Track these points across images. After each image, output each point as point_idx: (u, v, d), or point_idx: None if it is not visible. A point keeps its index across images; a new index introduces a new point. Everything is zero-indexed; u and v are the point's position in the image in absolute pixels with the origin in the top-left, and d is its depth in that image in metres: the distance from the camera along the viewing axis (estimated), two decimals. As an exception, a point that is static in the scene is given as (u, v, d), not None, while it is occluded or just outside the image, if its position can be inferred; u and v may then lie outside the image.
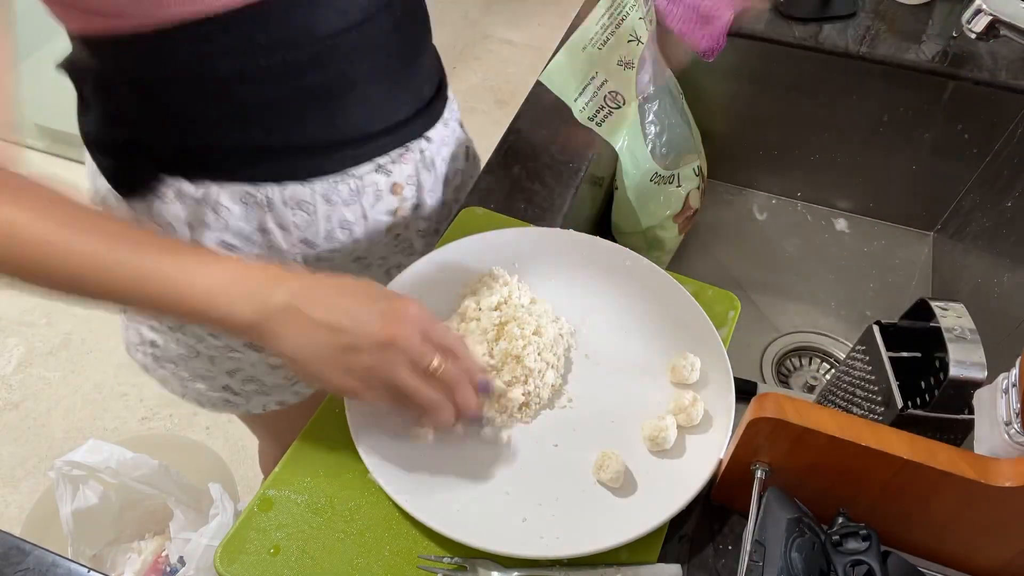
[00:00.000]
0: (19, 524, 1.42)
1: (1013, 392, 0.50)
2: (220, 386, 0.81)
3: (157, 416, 1.73)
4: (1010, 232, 0.99)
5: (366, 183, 0.71)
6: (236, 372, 0.80)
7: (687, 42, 1.01)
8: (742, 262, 1.20)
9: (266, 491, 0.60)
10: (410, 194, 0.76)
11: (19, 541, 0.60)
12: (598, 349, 0.69)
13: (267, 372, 0.81)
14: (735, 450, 0.56)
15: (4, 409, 1.74)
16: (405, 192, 0.75)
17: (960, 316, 0.61)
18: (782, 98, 1.14)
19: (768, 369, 1.08)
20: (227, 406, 0.84)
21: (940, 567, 0.58)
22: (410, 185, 0.75)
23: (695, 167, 1.11)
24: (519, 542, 0.56)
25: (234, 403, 0.83)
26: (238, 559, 0.57)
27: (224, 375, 0.80)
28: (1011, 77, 0.99)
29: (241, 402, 0.83)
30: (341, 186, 0.69)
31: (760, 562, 0.51)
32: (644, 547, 0.58)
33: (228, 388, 0.81)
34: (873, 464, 0.51)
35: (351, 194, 0.70)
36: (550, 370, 0.65)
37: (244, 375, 0.80)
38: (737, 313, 0.73)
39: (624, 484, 0.60)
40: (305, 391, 0.84)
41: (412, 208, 0.77)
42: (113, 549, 1.34)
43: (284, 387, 0.83)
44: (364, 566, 0.57)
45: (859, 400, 0.69)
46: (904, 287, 1.17)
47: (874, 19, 1.06)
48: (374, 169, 0.71)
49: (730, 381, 0.64)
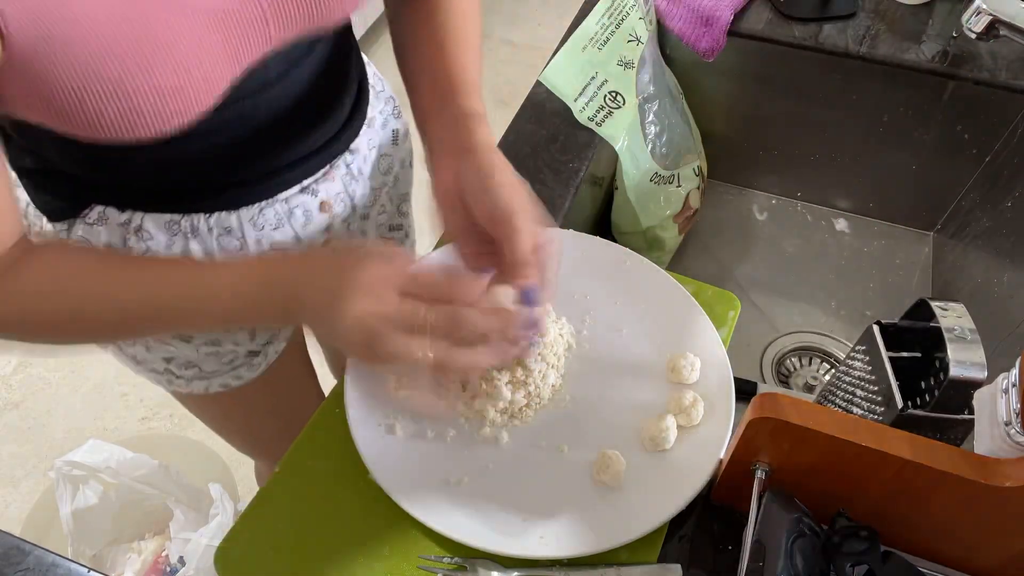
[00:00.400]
0: (19, 524, 1.42)
1: (1013, 392, 0.50)
2: (161, 368, 0.82)
3: (157, 416, 1.73)
4: (1010, 232, 0.99)
5: (292, 204, 0.70)
6: (172, 359, 0.80)
7: (687, 42, 1.01)
8: (742, 262, 1.20)
9: (266, 491, 0.60)
10: (340, 209, 0.75)
11: (19, 541, 0.60)
12: (598, 349, 0.69)
13: (204, 359, 0.80)
14: (735, 450, 0.56)
15: (4, 409, 1.74)
16: (335, 209, 0.74)
17: (960, 316, 0.61)
18: (782, 98, 1.14)
19: (768, 369, 1.08)
20: (173, 385, 0.84)
21: (940, 567, 0.58)
22: (340, 202, 0.74)
23: (695, 167, 1.12)
24: (519, 542, 0.56)
25: (177, 384, 0.84)
26: (238, 559, 0.57)
27: (161, 361, 0.80)
28: (1011, 77, 0.99)
29: (183, 383, 0.83)
30: (267, 211, 0.69)
31: (760, 562, 0.51)
32: (644, 547, 0.58)
33: (169, 371, 0.82)
34: (873, 464, 0.51)
35: (277, 218, 0.70)
36: (551, 370, 0.65)
37: (181, 360, 0.81)
38: (737, 313, 0.73)
39: (624, 484, 0.60)
40: (248, 375, 0.84)
41: (344, 221, 0.76)
42: (113, 549, 1.34)
43: (223, 372, 0.83)
44: (364, 566, 0.57)
45: (859, 400, 0.69)
46: (904, 287, 1.17)
47: (874, 19, 1.06)
48: (299, 190, 0.70)
49: (730, 381, 0.64)
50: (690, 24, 1.07)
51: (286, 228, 0.71)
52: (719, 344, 0.67)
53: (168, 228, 0.66)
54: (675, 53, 1.14)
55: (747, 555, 0.52)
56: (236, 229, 0.68)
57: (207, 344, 0.78)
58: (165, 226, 0.66)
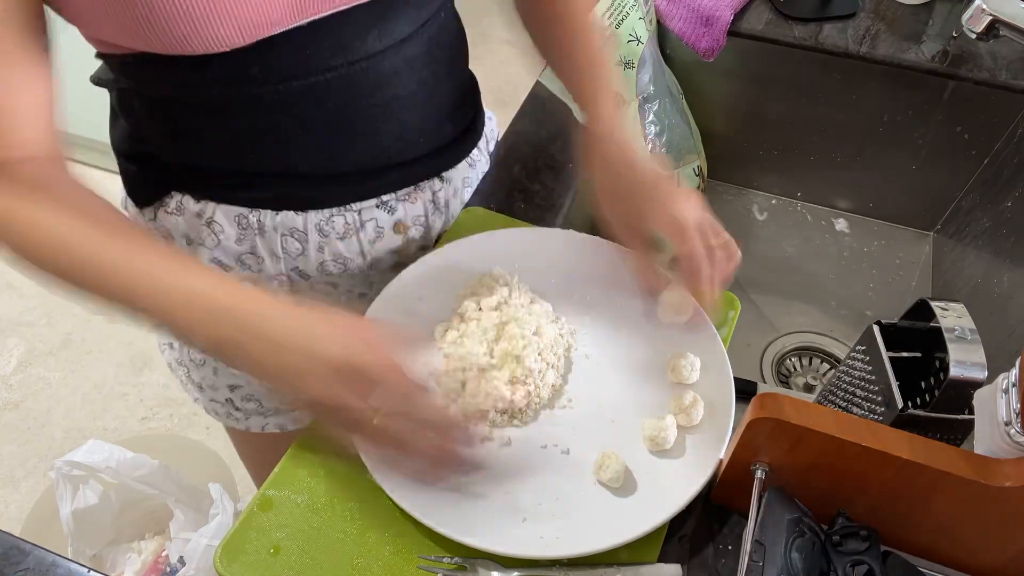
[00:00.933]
0: (19, 524, 1.42)
1: (1013, 392, 0.50)
2: (223, 398, 0.82)
3: (157, 416, 1.73)
4: (1010, 232, 0.99)
5: (364, 218, 0.69)
6: (236, 388, 0.81)
7: (687, 42, 1.01)
8: (742, 262, 1.20)
9: (266, 491, 0.60)
10: (417, 234, 0.73)
11: (19, 541, 0.60)
12: (598, 349, 0.69)
13: (266, 394, 0.81)
14: (735, 450, 0.56)
15: (4, 409, 1.74)
16: (411, 232, 0.73)
17: (960, 316, 0.61)
18: (782, 98, 1.14)
19: (768, 369, 1.08)
20: (230, 419, 0.85)
21: (940, 567, 0.58)
22: (417, 226, 0.73)
23: (695, 167, 1.12)
24: (519, 542, 0.56)
25: (236, 417, 0.84)
26: (238, 559, 0.57)
27: (226, 388, 0.81)
28: (1011, 77, 0.99)
29: (241, 417, 0.84)
30: (337, 218, 0.68)
31: (760, 562, 0.51)
32: (644, 547, 0.58)
33: (230, 402, 0.82)
34: (873, 464, 0.51)
35: (346, 228, 0.69)
36: (550, 370, 0.65)
37: (244, 392, 0.81)
38: (737, 313, 0.73)
39: (624, 484, 0.60)
40: (306, 419, 0.84)
41: (419, 249, 0.74)
42: (113, 549, 1.34)
43: (283, 412, 0.83)
44: (364, 566, 0.57)
45: (859, 400, 0.69)
46: (904, 287, 1.17)
47: (874, 19, 1.06)
48: (375, 205, 0.69)
49: (730, 381, 0.64)
50: (690, 24, 1.07)
51: (352, 240, 0.70)
52: (719, 344, 0.67)
53: (238, 223, 0.67)
54: (675, 53, 1.14)
55: (747, 555, 0.52)
56: (301, 231, 0.68)
57: None
58: (235, 220, 0.67)
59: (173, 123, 0.62)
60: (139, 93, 0.62)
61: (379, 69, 0.61)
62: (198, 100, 0.59)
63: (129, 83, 0.61)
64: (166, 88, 0.59)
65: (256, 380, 0.53)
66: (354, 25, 0.57)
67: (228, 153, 0.64)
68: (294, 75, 0.57)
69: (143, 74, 0.58)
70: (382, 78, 0.62)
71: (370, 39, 0.59)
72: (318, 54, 0.57)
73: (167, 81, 0.58)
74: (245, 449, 0.99)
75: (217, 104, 0.59)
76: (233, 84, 0.57)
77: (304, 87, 0.59)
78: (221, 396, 0.82)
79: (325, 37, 0.57)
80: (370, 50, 0.59)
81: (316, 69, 0.58)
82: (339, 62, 0.58)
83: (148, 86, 0.60)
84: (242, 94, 0.58)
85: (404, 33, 0.61)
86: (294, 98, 0.59)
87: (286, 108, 0.60)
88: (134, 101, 0.64)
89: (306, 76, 0.58)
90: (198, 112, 0.60)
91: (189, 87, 0.58)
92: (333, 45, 0.57)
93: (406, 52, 0.62)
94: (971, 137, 1.07)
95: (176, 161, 0.66)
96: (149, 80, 0.59)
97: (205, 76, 0.56)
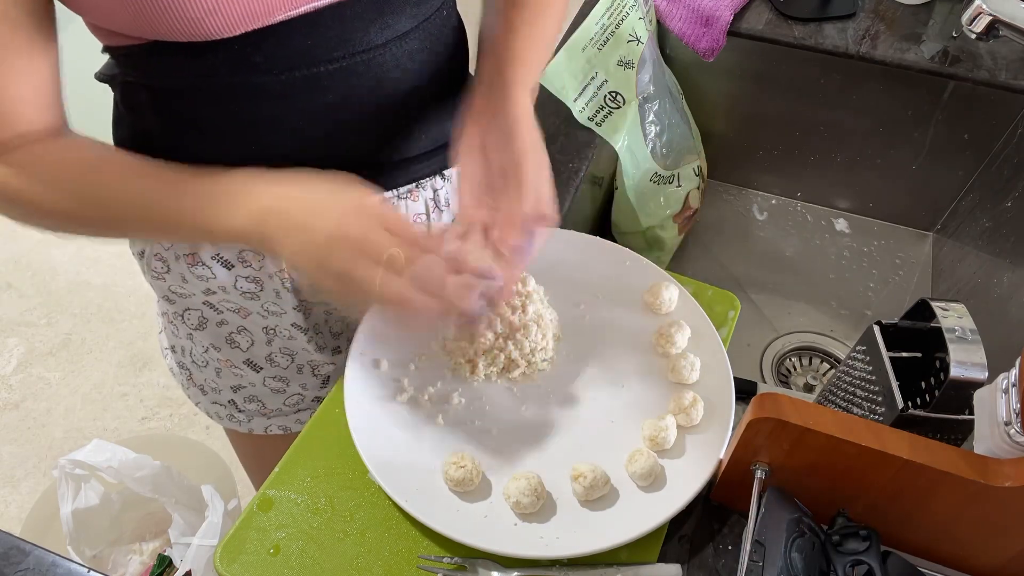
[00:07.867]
0: (19, 524, 1.42)
1: (1013, 392, 0.50)
2: (226, 400, 0.82)
3: (157, 416, 1.73)
4: (1010, 232, 0.99)
5: None
6: (239, 389, 0.81)
7: (687, 42, 1.01)
8: (742, 262, 1.20)
9: (266, 491, 0.60)
10: None
11: (19, 541, 0.60)
12: (598, 349, 0.69)
13: (268, 395, 0.81)
14: (735, 450, 0.56)
15: (4, 409, 1.74)
16: None
17: (961, 316, 0.61)
18: (782, 98, 1.14)
19: (768, 369, 1.08)
20: (232, 421, 0.85)
21: (940, 567, 0.58)
22: (418, 224, 0.73)
23: (695, 167, 1.12)
24: (519, 542, 0.56)
25: (238, 419, 0.84)
26: (238, 559, 0.57)
27: (229, 390, 0.81)
28: (1011, 77, 0.99)
29: (244, 419, 0.84)
30: None
31: (760, 562, 0.51)
32: (644, 547, 0.58)
33: (233, 403, 0.82)
34: (873, 464, 0.51)
35: None
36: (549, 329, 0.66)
37: (247, 393, 0.81)
38: (737, 313, 0.73)
39: (624, 484, 0.60)
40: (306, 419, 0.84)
41: None
42: (113, 550, 1.34)
43: (286, 413, 0.83)
44: (364, 566, 0.57)
45: (859, 400, 0.69)
46: (904, 287, 1.17)
47: (874, 19, 1.06)
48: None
49: (730, 381, 0.64)
50: (690, 24, 1.07)
51: None
52: (719, 344, 0.67)
53: None
54: (675, 53, 1.14)
55: (747, 555, 0.52)
56: None
57: (275, 379, 0.79)
58: None
59: (178, 115, 0.63)
60: (144, 86, 0.63)
61: (380, 63, 0.62)
62: (203, 90, 0.60)
63: (134, 76, 0.62)
64: (172, 78, 0.60)
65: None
66: (356, 18, 0.59)
67: (232, 145, 0.64)
68: (297, 65, 0.58)
69: (149, 64, 0.59)
70: (383, 72, 0.62)
71: (372, 32, 0.60)
72: (321, 45, 0.58)
73: (173, 70, 0.58)
74: (245, 452, 0.99)
75: (222, 94, 0.59)
76: (238, 72, 0.58)
77: (307, 77, 0.59)
78: (224, 398, 0.82)
79: (327, 28, 0.58)
80: (371, 43, 0.60)
81: (318, 60, 0.59)
82: (341, 53, 0.59)
83: (153, 77, 0.61)
84: (247, 83, 0.58)
85: (405, 28, 0.62)
86: (297, 88, 0.60)
87: (289, 99, 0.60)
88: (138, 95, 0.64)
89: (309, 67, 0.59)
90: (203, 102, 0.61)
91: (195, 76, 0.58)
92: (335, 37, 0.58)
93: (407, 47, 0.63)
94: (971, 137, 1.07)
95: (180, 156, 0.66)
96: (155, 71, 0.60)
97: (211, 64, 0.57)
